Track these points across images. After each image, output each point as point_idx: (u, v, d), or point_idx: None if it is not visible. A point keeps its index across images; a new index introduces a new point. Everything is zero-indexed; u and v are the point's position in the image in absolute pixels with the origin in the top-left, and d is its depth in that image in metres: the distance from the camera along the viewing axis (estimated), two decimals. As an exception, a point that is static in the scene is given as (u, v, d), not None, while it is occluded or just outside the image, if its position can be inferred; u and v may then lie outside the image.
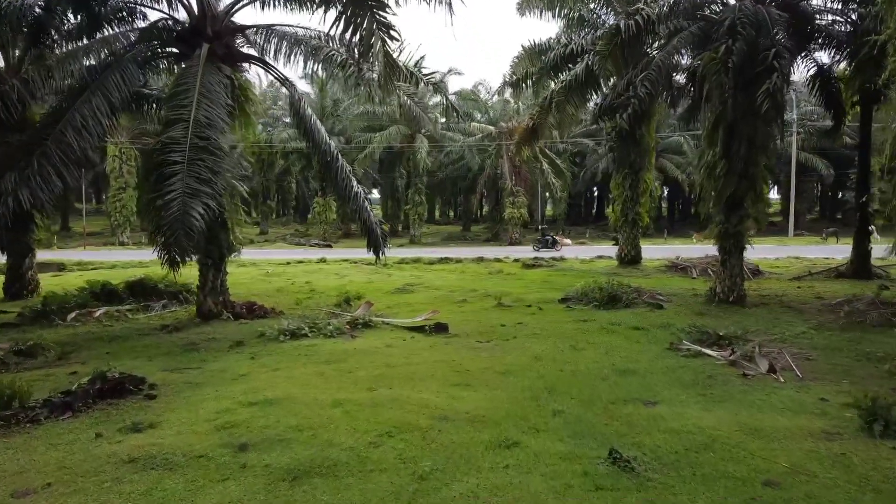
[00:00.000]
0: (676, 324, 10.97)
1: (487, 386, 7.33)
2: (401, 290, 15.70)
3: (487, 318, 11.97)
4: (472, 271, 19.87)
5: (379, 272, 19.61)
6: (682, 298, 13.91)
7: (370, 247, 12.61)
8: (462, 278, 18.37)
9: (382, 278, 18.39)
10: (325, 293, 15.70)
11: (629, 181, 19.11)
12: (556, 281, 17.18)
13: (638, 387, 7.25)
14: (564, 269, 19.95)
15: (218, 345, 10.09)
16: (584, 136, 47.86)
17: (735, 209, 13.06)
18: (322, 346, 9.65)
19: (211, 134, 9.65)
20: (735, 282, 13.17)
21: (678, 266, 18.62)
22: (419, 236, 42.31)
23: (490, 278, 18.29)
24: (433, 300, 14.29)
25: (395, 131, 39.42)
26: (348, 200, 12.32)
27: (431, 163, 42.59)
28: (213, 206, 9.17)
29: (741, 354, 8.25)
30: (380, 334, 10.64)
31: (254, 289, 16.65)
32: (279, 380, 7.69)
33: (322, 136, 12.23)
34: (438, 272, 19.98)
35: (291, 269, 20.91)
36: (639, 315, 11.96)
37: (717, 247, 13.51)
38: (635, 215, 19.40)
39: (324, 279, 18.33)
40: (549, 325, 11.04)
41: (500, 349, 9.28)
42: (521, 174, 39.79)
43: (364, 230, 12.48)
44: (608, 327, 10.78)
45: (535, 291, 15.22)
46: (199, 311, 12.28)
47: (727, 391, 7.02)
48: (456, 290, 15.81)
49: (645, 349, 9.18)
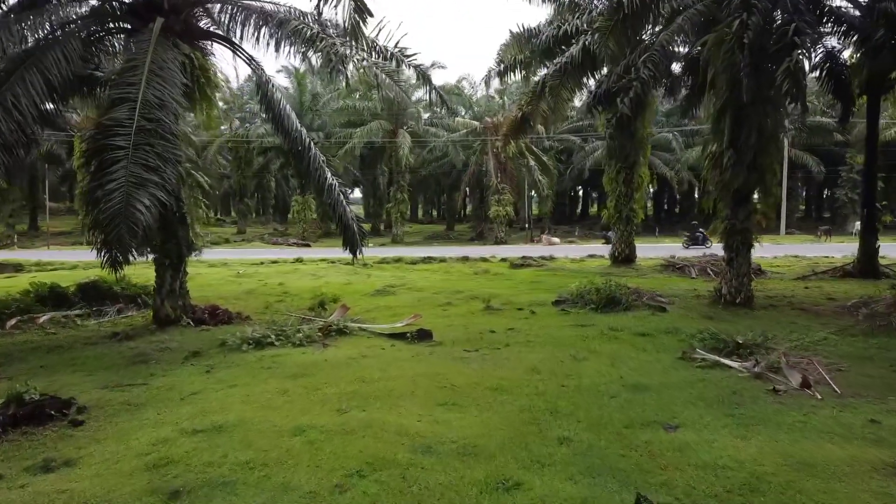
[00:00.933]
0: (684, 329, 10.03)
1: (478, 406, 6.31)
2: (381, 293, 14.64)
3: (475, 323, 10.95)
4: (456, 271, 18.85)
5: (358, 273, 18.53)
6: (685, 300, 13.00)
7: (346, 245, 11.55)
8: (446, 279, 17.34)
9: (361, 279, 17.31)
10: (299, 296, 14.60)
11: (623, 176, 18.21)
12: (547, 281, 16.21)
13: (653, 406, 6.27)
14: (555, 268, 19.00)
15: (171, 356, 8.97)
16: (570, 133, 47.08)
17: (742, 203, 12.19)
18: (289, 356, 8.57)
19: (162, 116, 8.53)
20: (742, 282, 12.29)
21: (675, 265, 17.74)
22: (401, 235, 41.22)
23: (476, 279, 17.29)
24: (415, 303, 13.26)
25: (377, 126, 38.31)
26: (322, 193, 11.24)
27: (414, 159, 41.52)
28: (164, 198, 8.05)
29: (766, 365, 7.31)
30: (355, 342, 9.58)
31: (222, 291, 15.50)
32: (234, 400, 6.61)
33: (292, 123, 11.15)
34: (421, 272, 18.94)
35: (265, 270, 19.75)
36: (641, 319, 11.01)
37: (723, 244, 12.62)
38: (629, 212, 18.50)
39: (298, 280, 17.21)
40: (543, 332, 10.04)
41: (491, 360, 8.27)
42: (507, 171, 38.84)
43: (339, 227, 11.42)
44: (609, 333, 9.80)
45: (525, 293, 14.23)
46: (156, 317, 11.14)
47: (759, 411, 6.06)
48: (440, 291, 14.78)
49: (654, 359, 8.21)
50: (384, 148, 41.85)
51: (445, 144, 40.17)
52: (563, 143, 47.99)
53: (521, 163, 39.52)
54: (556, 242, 34.37)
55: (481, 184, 44.43)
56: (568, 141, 47.19)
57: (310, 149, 11.09)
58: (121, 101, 8.45)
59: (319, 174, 11.07)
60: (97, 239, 7.77)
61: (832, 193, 47.61)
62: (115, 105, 8.43)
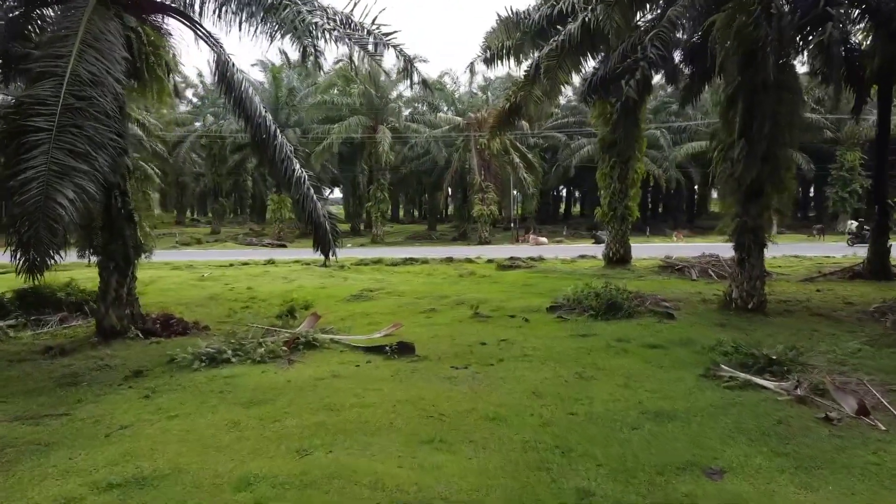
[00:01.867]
0: (698, 339, 8.98)
1: (472, 443, 5.17)
2: (358, 298, 13.44)
3: (463, 333, 9.81)
4: (440, 273, 17.70)
5: (334, 275, 17.29)
6: (691, 305, 11.97)
7: (317, 246, 10.34)
8: (430, 282, 16.19)
9: (337, 282, 16.09)
10: (267, 301, 13.36)
11: (617, 171, 17.18)
12: (539, 284, 15.11)
13: (685, 440, 5.19)
14: (545, 270, 17.91)
15: (109, 376, 7.72)
16: (555, 130, 46.14)
17: (755, 199, 11.17)
18: (247, 377, 7.36)
19: (96, 94, 7.28)
20: (755, 286, 11.28)
21: (674, 266, 16.75)
22: (382, 235, 39.96)
23: (462, 282, 16.15)
24: (396, 310, 12.08)
25: (356, 122, 37.03)
26: (289, 187, 10.02)
27: (395, 157, 40.27)
28: (94, 191, 6.80)
29: (810, 386, 6.25)
30: (326, 358, 8.39)
31: (183, 296, 14.19)
32: (171, 436, 5.41)
33: (256, 108, 9.92)
34: (402, 275, 17.76)
35: (233, 273, 18.45)
36: (647, 328, 9.95)
37: (734, 243, 11.61)
38: (624, 209, 17.47)
39: (268, 284, 15.96)
40: (541, 343, 8.92)
41: (484, 379, 7.13)
42: (491, 169, 37.74)
43: (310, 225, 10.20)
44: (616, 345, 8.72)
45: (516, 298, 13.12)
46: (99, 329, 9.84)
47: (816, 448, 4.99)
48: (423, 296, 13.62)
49: (674, 377, 7.12)
50: (364, 145, 40.56)
51: (427, 141, 39.00)
52: (548, 140, 47.02)
53: (505, 160, 38.47)
54: (543, 242, 33.31)
55: (464, 182, 43.30)
56: (553, 138, 46.20)
57: (275, 137, 9.87)
58: (45, 75, 7.19)
59: (286, 166, 9.86)
60: (12, 239, 6.50)
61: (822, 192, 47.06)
62: (38, 80, 7.16)
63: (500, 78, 43.76)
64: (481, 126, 36.59)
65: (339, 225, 35.08)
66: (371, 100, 37.37)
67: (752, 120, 10.78)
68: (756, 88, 10.69)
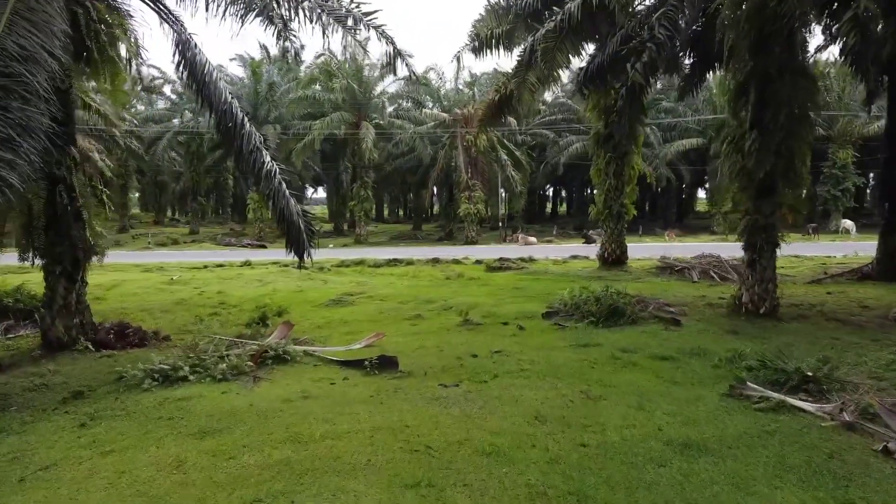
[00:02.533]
0: (711, 349, 8.16)
1: (467, 487, 4.28)
2: (337, 303, 12.49)
3: (452, 343, 8.90)
4: (426, 276, 16.78)
5: (313, 278, 16.31)
6: (697, 310, 11.15)
7: (290, 246, 9.38)
8: (415, 285, 15.26)
9: (316, 286, 15.12)
10: (239, 307, 12.38)
11: (613, 167, 16.35)
12: (531, 287, 14.25)
13: (725, 482, 4.32)
14: (537, 272, 17.05)
15: (44, 398, 6.74)
16: (543, 127, 45.35)
17: (767, 195, 10.38)
18: (203, 399, 6.40)
19: (26, 70, 6.27)
20: (767, 289, 10.49)
21: (673, 267, 15.94)
22: (365, 235, 38.94)
23: (449, 285, 15.24)
24: (378, 316, 11.16)
25: (338, 118, 35.94)
26: (259, 182, 9.05)
27: (379, 154, 39.26)
28: (17, 183, 5.80)
29: (856, 409, 5.41)
30: (298, 374, 7.45)
31: (148, 301, 13.17)
32: (99, 481, 4.46)
33: (221, 93, 8.94)
34: (386, 277, 16.83)
35: (205, 275, 17.40)
36: (654, 336, 9.11)
37: (743, 243, 10.80)
38: (620, 207, 16.64)
39: (242, 288, 14.95)
40: (539, 355, 8.04)
41: (477, 400, 6.22)
42: (478, 166, 36.83)
43: (282, 224, 9.24)
44: (622, 357, 7.86)
45: (507, 302, 12.24)
46: (45, 340, 8.84)
47: (882, 491, 4.14)
48: (407, 300, 12.70)
49: (693, 396, 6.26)
50: (346, 143, 39.53)
51: (412, 138, 37.98)
52: (536, 137, 46.19)
53: (492, 158, 37.60)
54: (533, 242, 32.39)
55: (450, 180, 42.39)
56: (541, 135, 45.38)
57: (243, 126, 8.89)
58: (-37, 48, 6.18)
59: (255, 158, 8.89)
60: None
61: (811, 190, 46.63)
62: (-45, 54, 6.15)
63: (487, 74, 42.88)
64: (468, 122, 35.71)
65: (322, 224, 34.28)
66: (354, 95, 36.34)
67: (766, 109, 10.00)
68: (769, 74, 9.91)
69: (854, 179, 39.29)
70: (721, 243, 30.01)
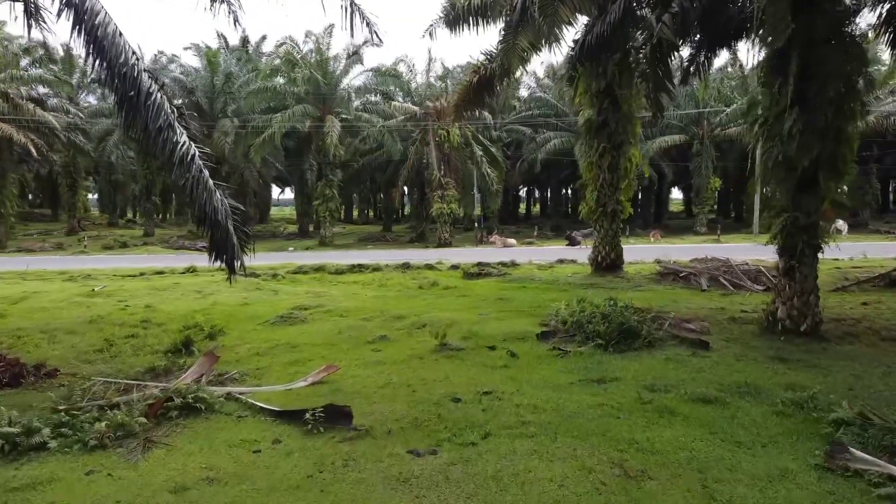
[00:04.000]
0: (761, 384, 6.41)
1: None
2: (286, 320, 10.41)
3: (426, 378, 6.92)
4: (395, 284, 14.74)
5: (262, 287, 14.16)
6: (720, 326, 9.35)
7: (214, 252, 7.31)
8: (382, 296, 13.24)
9: (265, 297, 13.00)
10: (165, 326, 10.24)
11: (608, 160, 14.48)
12: (517, 298, 12.34)
13: None
14: (521, 278, 15.12)
15: None
16: (519, 123, 43.63)
17: (810, 188, 8.60)
18: (55, 486, 4.35)
19: None
20: (808, 302, 8.73)
21: (677, 273, 14.15)
22: (331, 237, 36.68)
23: (421, 295, 13.24)
24: (334, 339, 9.12)
25: (301, 111, 33.66)
26: (171, 167, 6.96)
27: (345, 151, 37.05)
28: None
29: None
30: (210, 434, 5.39)
31: (55, 319, 10.92)
32: None
33: (121, 50, 6.86)
34: (348, 286, 14.75)
35: (137, 285, 15.12)
36: (681, 364, 7.28)
37: (778, 247, 9.03)
38: (616, 205, 14.78)
39: (176, 300, 12.77)
40: (542, 397, 6.11)
41: (465, 482, 4.28)
42: (451, 163, 34.85)
43: (203, 223, 7.18)
44: (652, 399, 5.98)
45: (492, 318, 10.29)
46: None
47: None
48: (372, 316, 10.68)
49: (773, 469, 4.40)
50: (311, 138, 37.28)
51: (380, 133, 35.83)
52: (511, 133, 44.44)
53: (466, 154, 35.70)
54: (512, 244, 30.39)
55: (422, 178, 40.42)
56: (516, 132, 43.60)
57: (150, 95, 6.84)
58: None
59: (166, 136, 6.82)
60: None
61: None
62: None
63: (461, 66, 40.99)
64: (440, 116, 33.78)
65: (287, 226, 31.99)
66: (318, 87, 34.08)
67: (810, 81, 8.23)
68: (814, 40, 8.15)
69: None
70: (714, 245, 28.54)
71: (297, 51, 35.31)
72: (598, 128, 14.51)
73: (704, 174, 40.00)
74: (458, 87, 14.55)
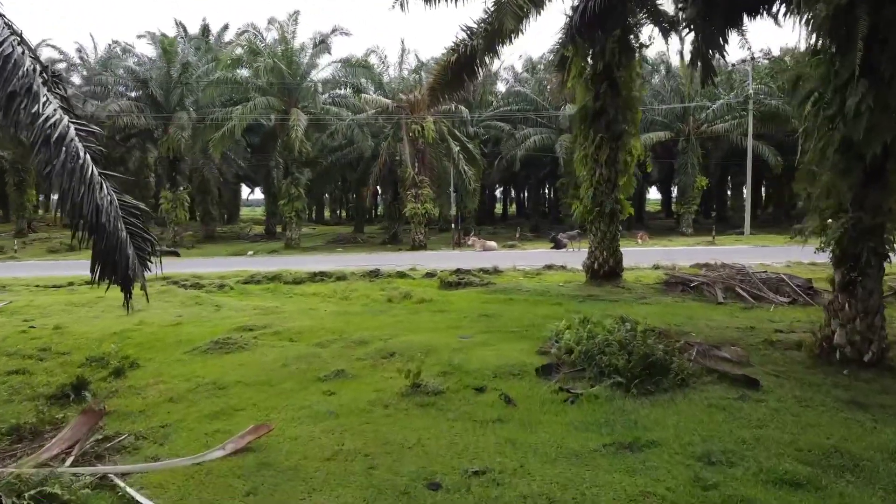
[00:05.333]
0: (854, 450, 4.74)
1: None
2: (221, 346, 8.44)
3: (389, 445, 5.04)
4: (361, 296, 12.83)
5: (202, 302, 12.13)
6: (760, 355, 7.63)
7: (98, 265, 5.36)
8: (343, 312, 11.34)
9: (204, 315, 11.02)
10: (68, 355, 8.25)
11: (606, 152, 12.73)
12: (505, 314, 10.52)
13: None
14: (507, 289, 13.27)
15: None
16: (497, 119, 41.90)
17: (877, 181, 6.92)
18: None
19: None
20: (872, 324, 7.07)
21: (686, 283, 12.43)
22: (297, 239, 34.53)
23: (391, 311, 11.36)
24: (276, 374, 7.20)
25: (264, 103, 31.55)
26: (37, 150, 5.01)
27: (312, 147, 34.92)
28: None
29: None
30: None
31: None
32: None
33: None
34: (307, 299, 12.81)
35: (55, 299, 12.96)
36: (731, 415, 5.55)
37: (835, 255, 7.34)
38: (615, 204, 13.04)
39: (94, 319, 10.74)
40: (556, 481, 4.29)
41: None
42: (426, 161, 32.90)
43: (83, 226, 5.24)
44: (717, 483, 4.21)
45: (477, 342, 8.45)
46: None
47: None
48: (329, 340, 8.78)
49: None
50: (276, 134, 35.13)
51: (349, 128, 33.81)
52: (489, 130, 42.68)
53: (441, 151, 33.87)
54: (493, 248, 28.46)
55: (395, 176, 38.49)
56: (494, 128, 41.85)
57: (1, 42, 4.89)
58: None
59: (24, 105, 4.88)
60: None
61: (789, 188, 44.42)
62: None
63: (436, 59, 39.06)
64: (415, 109, 31.91)
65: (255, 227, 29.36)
66: (283, 77, 31.92)
67: (883, 46, 6.55)
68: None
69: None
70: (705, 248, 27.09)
71: (260, 39, 33.17)
72: (595, 116, 12.76)
73: (691, 172, 38.64)
74: (435, 67, 12.68)
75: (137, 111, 33.71)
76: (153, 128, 35.87)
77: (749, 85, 35.44)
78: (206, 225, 43.92)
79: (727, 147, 41.70)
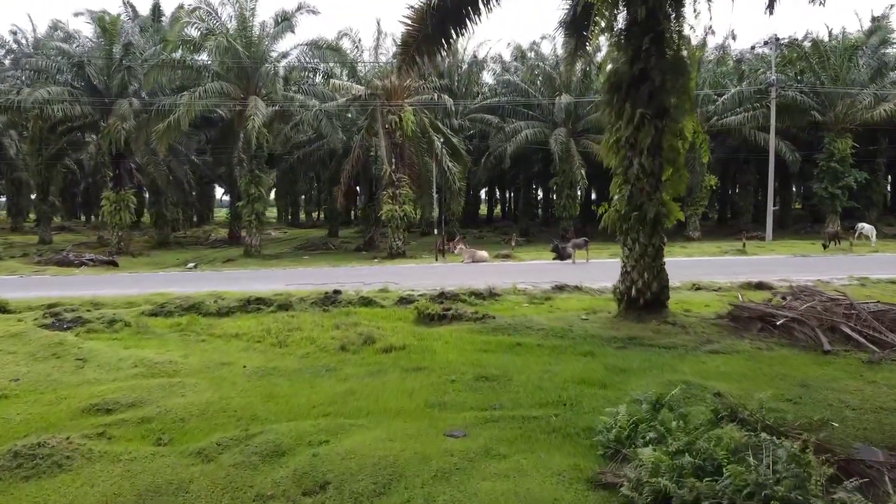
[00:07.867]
0: None
1: None
2: (18, 465, 4.84)
3: None
4: (303, 340, 9.15)
5: (65, 352, 8.35)
6: None
7: None
8: (270, 369, 7.75)
9: (54, 375, 7.37)
10: None
11: (648, 136, 9.25)
12: (513, 375, 7.02)
13: None
14: (512, 325, 9.64)
15: None
16: (485, 112, 38.46)
17: None
18: None
19: None
20: None
21: (765, 318, 8.97)
22: (258, 246, 30.82)
23: (342, 368, 7.77)
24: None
25: (217, 89, 27.86)
26: None
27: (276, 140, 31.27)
28: None
29: None
30: None
31: None
32: None
33: None
34: (225, 343, 9.15)
35: None
36: None
37: None
38: (659, 207, 9.57)
39: None
40: None
41: None
42: (405, 157, 29.32)
43: None
44: None
45: (478, 449, 4.93)
46: None
47: None
48: (220, 443, 5.20)
49: None
50: (234, 126, 31.46)
51: (316, 118, 30.18)
52: (476, 124, 39.27)
53: (423, 145, 30.35)
54: (483, 258, 24.56)
55: (370, 174, 34.88)
56: (481, 121, 38.39)
57: None
58: None
59: None
60: None
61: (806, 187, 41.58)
62: None
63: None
64: (391, 97, 28.37)
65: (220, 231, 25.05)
66: (239, 58, 28.23)
67: None
68: None
69: (855, 174, 34.04)
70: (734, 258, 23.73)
71: (215, 17, 29.44)
72: (632, 84, 9.28)
73: (699, 170, 35.41)
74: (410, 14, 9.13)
75: (72, 98, 29.81)
76: (97, 119, 32.03)
77: (772, 71, 32.18)
78: (160, 229, 40.04)
79: (734, 142, 38.71)
